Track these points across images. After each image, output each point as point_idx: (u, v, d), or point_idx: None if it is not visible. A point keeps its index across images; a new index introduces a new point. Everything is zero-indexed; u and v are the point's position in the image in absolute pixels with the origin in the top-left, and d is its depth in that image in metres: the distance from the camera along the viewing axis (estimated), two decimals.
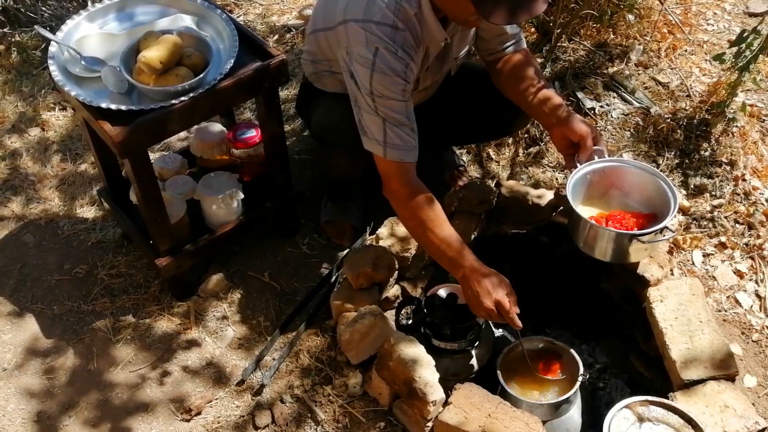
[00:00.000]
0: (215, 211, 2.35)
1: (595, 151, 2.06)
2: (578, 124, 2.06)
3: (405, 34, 1.89)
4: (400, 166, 1.97)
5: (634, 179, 2.08)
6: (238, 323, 2.32)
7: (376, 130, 1.94)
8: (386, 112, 1.91)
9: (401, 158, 1.95)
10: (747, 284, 2.33)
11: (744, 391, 2.02)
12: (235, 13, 3.55)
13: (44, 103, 3.11)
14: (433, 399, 1.89)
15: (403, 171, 1.97)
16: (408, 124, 1.95)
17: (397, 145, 1.94)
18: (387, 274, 2.18)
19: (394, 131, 1.93)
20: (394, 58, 1.87)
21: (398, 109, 1.92)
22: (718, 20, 3.31)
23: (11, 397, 2.18)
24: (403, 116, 1.93)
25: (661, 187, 2.04)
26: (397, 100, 1.91)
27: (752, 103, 2.81)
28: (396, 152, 1.95)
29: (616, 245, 1.98)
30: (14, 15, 3.42)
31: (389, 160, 1.96)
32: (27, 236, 2.62)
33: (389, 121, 1.92)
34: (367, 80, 1.88)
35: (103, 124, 1.95)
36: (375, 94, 1.89)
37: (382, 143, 1.94)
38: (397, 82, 1.89)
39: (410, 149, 1.96)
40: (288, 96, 3.04)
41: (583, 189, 2.08)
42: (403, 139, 1.94)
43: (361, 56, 1.88)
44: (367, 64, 1.87)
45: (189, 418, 2.10)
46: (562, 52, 2.99)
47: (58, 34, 2.11)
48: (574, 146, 2.08)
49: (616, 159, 2.12)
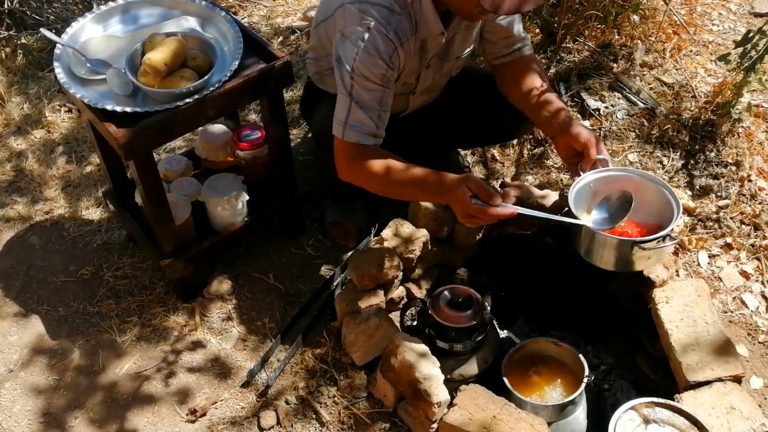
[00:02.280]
0: (220, 212, 2.35)
1: (598, 161, 2.05)
2: (582, 132, 2.04)
3: (401, 18, 1.89)
4: (354, 147, 1.93)
5: (638, 188, 2.07)
6: (243, 324, 2.33)
7: (341, 109, 1.92)
8: (359, 91, 1.89)
9: (357, 139, 1.92)
10: (753, 285, 2.32)
11: (750, 392, 2.02)
12: (240, 14, 3.56)
13: (50, 105, 3.12)
14: (438, 400, 1.88)
15: (356, 151, 1.93)
16: (376, 110, 1.91)
17: (355, 126, 1.91)
18: (392, 275, 2.18)
19: (358, 113, 1.90)
20: (383, 39, 1.86)
21: (371, 92, 1.89)
22: (723, 20, 3.30)
23: (17, 398, 2.19)
24: (374, 101, 1.90)
25: (665, 195, 2.02)
26: (374, 82, 1.89)
27: (758, 104, 2.80)
28: (353, 132, 1.92)
29: (618, 253, 1.96)
30: (20, 17, 3.44)
31: (345, 141, 1.93)
32: (33, 238, 2.63)
33: (357, 102, 1.89)
34: (352, 57, 1.87)
35: (108, 126, 1.96)
36: (354, 72, 1.87)
37: (343, 123, 1.92)
38: (379, 64, 1.87)
39: (369, 133, 1.93)
40: (292, 97, 3.04)
41: (587, 198, 2.07)
42: (364, 121, 1.91)
43: (353, 34, 1.87)
44: (357, 41, 1.86)
45: (194, 418, 2.10)
46: (566, 53, 2.99)
47: (63, 37, 2.12)
48: (578, 155, 2.06)
49: (620, 168, 2.11)
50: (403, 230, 2.26)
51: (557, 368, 2.05)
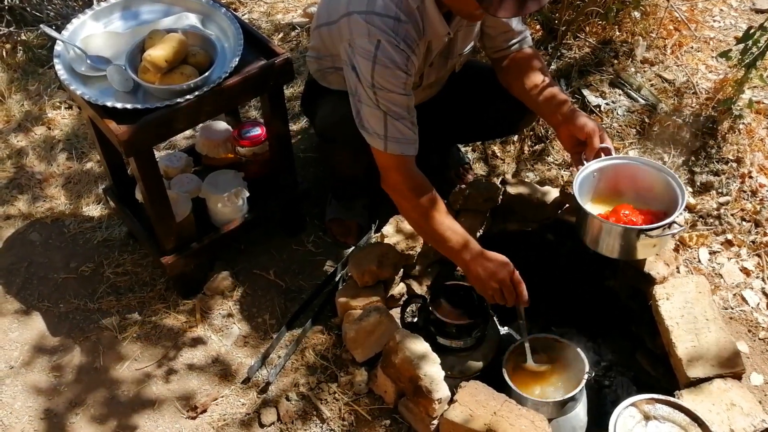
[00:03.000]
0: (220, 209, 2.35)
1: (602, 149, 2.05)
2: (585, 121, 2.05)
3: (407, 26, 1.89)
4: (400, 160, 1.96)
5: (642, 176, 2.07)
6: (244, 321, 2.33)
7: (376, 123, 1.94)
8: (387, 105, 1.91)
9: (402, 152, 1.95)
10: (754, 282, 2.32)
11: (751, 389, 2.02)
12: (240, 11, 3.55)
13: (50, 102, 3.11)
14: (439, 397, 1.88)
15: (403, 164, 1.97)
16: (408, 118, 1.95)
17: (397, 138, 1.94)
18: (392, 272, 2.18)
19: (395, 125, 1.93)
20: (395, 50, 1.87)
21: (399, 103, 1.92)
22: (724, 17, 3.29)
23: (18, 394, 2.19)
24: (403, 110, 1.93)
25: (669, 183, 2.02)
26: (399, 93, 1.91)
27: (759, 100, 2.80)
28: (396, 146, 1.94)
29: (623, 241, 1.97)
30: (20, 14, 3.43)
31: (390, 154, 1.96)
32: (33, 235, 2.63)
33: (390, 115, 1.92)
34: (369, 73, 1.88)
35: (108, 123, 1.95)
36: (377, 87, 1.89)
37: (383, 137, 1.94)
38: (398, 75, 1.88)
39: (411, 143, 1.96)
40: (293, 94, 3.04)
41: (591, 187, 2.07)
42: (404, 132, 1.94)
43: (364, 48, 1.88)
44: (369, 56, 1.87)
45: (195, 415, 2.11)
46: (567, 50, 2.99)
47: (63, 33, 2.11)
48: (581, 144, 2.07)
49: (623, 156, 2.11)
50: (403, 227, 2.26)
51: (558, 365, 2.05)
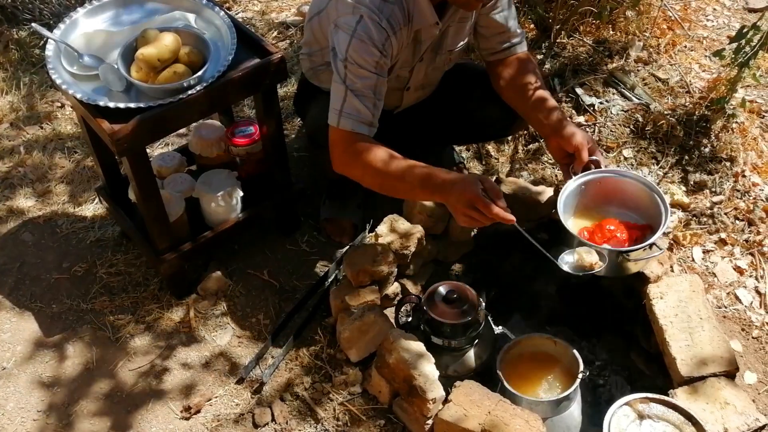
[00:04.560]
0: (214, 208, 2.34)
1: (591, 161, 2.04)
2: (574, 134, 2.03)
3: (393, 7, 1.89)
4: (348, 135, 1.92)
5: (629, 190, 2.06)
6: (238, 321, 2.32)
7: (336, 98, 1.92)
8: (352, 79, 1.89)
9: (352, 127, 1.91)
10: (747, 281, 2.33)
11: (744, 387, 2.03)
12: (234, 10, 3.54)
13: (43, 101, 3.10)
14: (433, 396, 1.88)
15: (350, 139, 1.92)
16: (371, 98, 1.91)
17: (351, 114, 1.91)
18: (387, 272, 2.18)
19: (353, 101, 1.90)
20: (376, 27, 1.86)
21: (365, 79, 1.89)
22: (717, 16, 3.31)
23: (11, 395, 2.18)
24: (368, 89, 1.90)
25: (654, 198, 2.02)
26: (368, 70, 1.89)
27: (752, 99, 2.81)
28: (348, 121, 1.91)
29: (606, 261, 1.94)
30: (12, 12, 3.42)
31: (340, 129, 1.92)
32: (26, 234, 2.62)
33: (352, 90, 1.89)
34: (345, 46, 1.87)
35: (101, 122, 1.94)
36: (348, 61, 1.88)
37: (338, 111, 1.91)
38: (372, 52, 1.87)
39: (365, 122, 1.92)
40: (287, 93, 3.03)
41: (578, 200, 2.06)
42: (360, 110, 1.91)
43: (346, 23, 1.88)
44: (349, 30, 1.87)
45: (189, 416, 2.10)
46: (561, 49, 2.99)
47: (55, 32, 2.10)
48: (571, 156, 2.06)
49: (611, 170, 2.10)
50: (398, 226, 2.26)
51: (552, 364, 2.05)
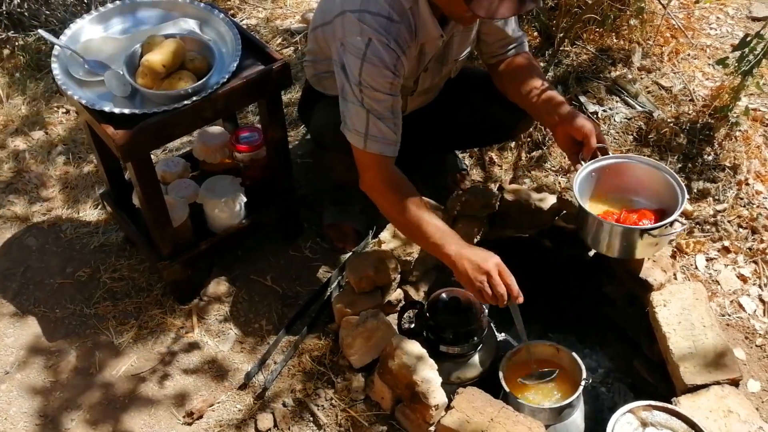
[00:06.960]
0: (218, 214, 2.35)
1: (598, 149, 2.05)
2: (582, 121, 2.05)
3: (399, 26, 1.90)
4: (378, 159, 1.96)
5: (641, 175, 2.07)
6: (241, 326, 2.32)
7: (358, 121, 1.93)
8: (371, 104, 1.91)
9: (380, 151, 1.95)
10: (750, 288, 2.32)
11: (748, 395, 2.02)
12: (238, 17, 3.55)
13: (48, 106, 3.11)
14: (436, 403, 1.88)
15: (381, 164, 1.97)
16: (391, 119, 1.94)
17: (377, 137, 1.94)
18: (389, 278, 2.18)
19: (377, 124, 1.92)
20: (385, 49, 1.87)
21: (383, 102, 1.92)
22: (721, 24, 3.31)
23: (14, 399, 2.18)
24: (387, 110, 1.93)
25: (668, 181, 2.02)
26: (384, 92, 1.91)
27: (755, 107, 2.81)
28: (375, 144, 1.94)
29: (625, 241, 1.97)
30: (18, 18, 3.43)
31: (368, 152, 1.95)
32: (30, 239, 2.62)
33: (373, 113, 1.92)
34: (357, 70, 1.88)
35: (105, 128, 1.95)
36: (363, 85, 1.89)
37: (363, 135, 1.94)
38: (385, 74, 1.89)
39: (390, 143, 1.96)
40: (291, 100, 3.04)
41: (589, 187, 2.07)
42: (384, 132, 1.94)
43: (354, 46, 1.88)
44: (359, 54, 1.87)
45: (191, 421, 2.10)
46: (564, 57, 2.99)
47: (61, 38, 2.11)
48: (578, 145, 2.07)
49: (622, 155, 2.11)
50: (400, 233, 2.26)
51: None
